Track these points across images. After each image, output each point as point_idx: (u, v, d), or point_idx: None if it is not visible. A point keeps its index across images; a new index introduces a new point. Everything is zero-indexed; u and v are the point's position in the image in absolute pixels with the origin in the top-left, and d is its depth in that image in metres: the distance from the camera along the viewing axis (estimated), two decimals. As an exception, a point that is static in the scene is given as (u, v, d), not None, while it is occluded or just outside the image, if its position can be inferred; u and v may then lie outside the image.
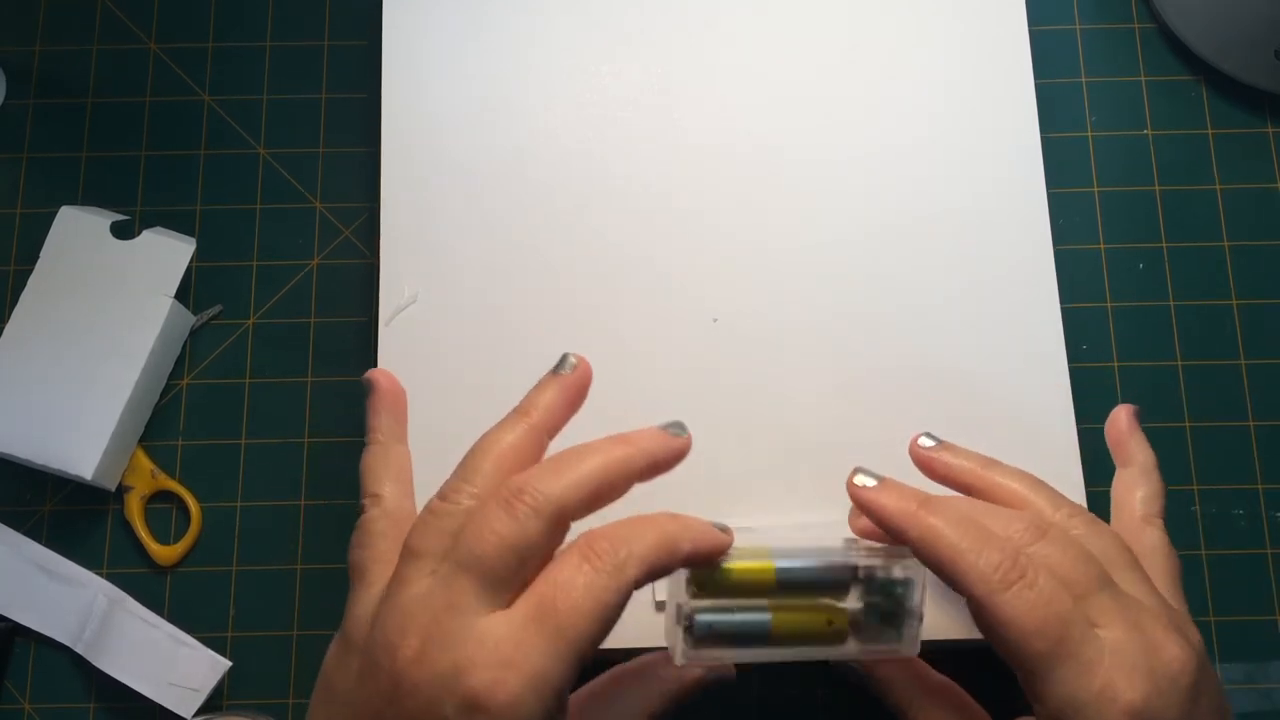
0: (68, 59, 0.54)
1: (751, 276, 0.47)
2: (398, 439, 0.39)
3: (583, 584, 0.32)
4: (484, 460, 0.35)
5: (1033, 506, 0.37)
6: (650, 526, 0.34)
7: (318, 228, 0.51)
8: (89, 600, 0.47)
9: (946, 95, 0.49)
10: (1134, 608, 0.34)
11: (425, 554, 0.33)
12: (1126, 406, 0.42)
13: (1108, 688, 0.32)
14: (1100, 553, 0.35)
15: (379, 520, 0.37)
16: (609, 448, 0.35)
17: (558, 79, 0.50)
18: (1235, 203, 0.51)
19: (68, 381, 0.47)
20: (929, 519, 0.35)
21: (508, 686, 0.30)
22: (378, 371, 0.40)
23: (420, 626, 0.32)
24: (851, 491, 0.37)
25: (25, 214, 0.52)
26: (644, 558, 0.33)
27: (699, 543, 0.35)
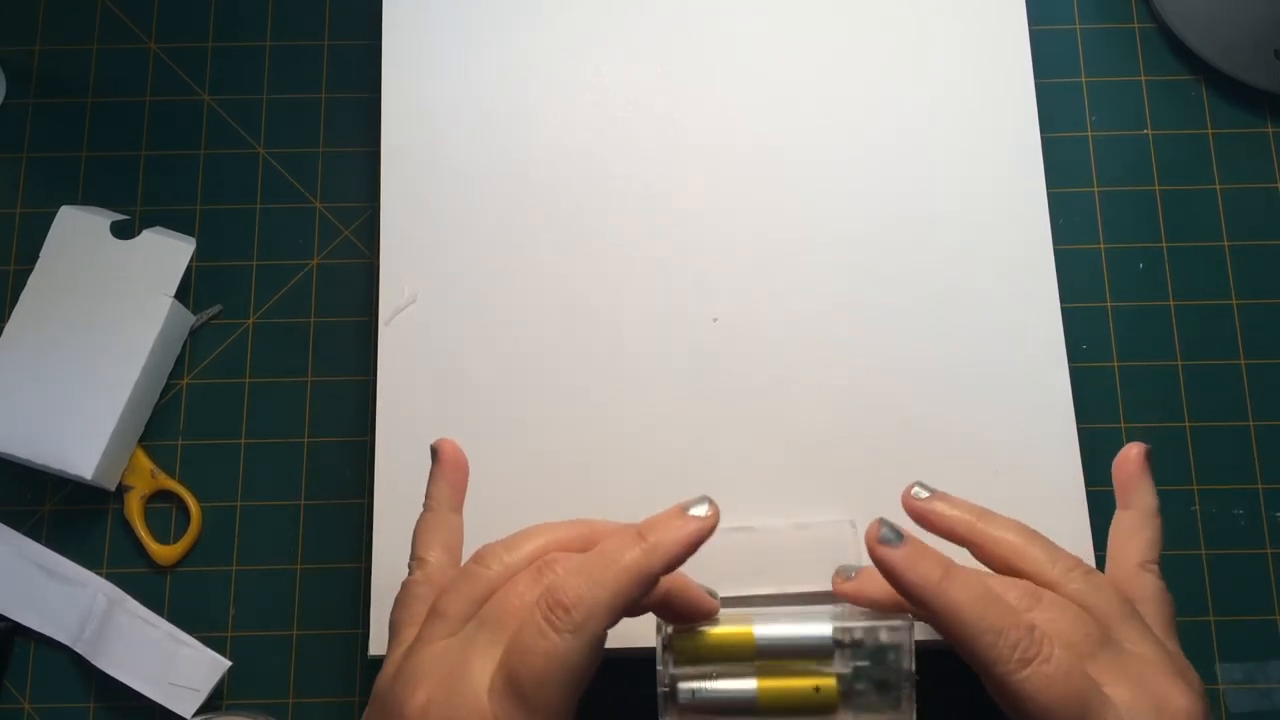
0: (68, 59, 0.54)
1: (751, 276, 0.47)
2: (453, 508, 0.40)
3: (544, 650, 0.32)
4: (530, 539, 0.36)
5: (1029, 559, 0.36)
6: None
7: (318, 228, 0.51)
8: (89, 600, 0.47)
9: (946, 95, 0.49)
10: (1136, 663, 0.34)
11: (449, 616, 0.35)
12: (1139, 445, 0.40)
13: None
14: (1098, 606, 0.35)
15: (421, 584, 0.38)
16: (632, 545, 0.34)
17: (558, 79, 0.50)
18: (1235, 203, 0.51)
19: (67, 381, 0.47)
20: (951, 594, 0.34)
21: None
22: (445, 442, 0.41)
23: (430, 683, 0.33)
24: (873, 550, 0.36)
25: (25, 214, 0.52)
26: (609, 603, 0.33)
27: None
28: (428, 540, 0.39)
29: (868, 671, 0.36)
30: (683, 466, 0.45)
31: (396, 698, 0.34)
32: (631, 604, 0.34)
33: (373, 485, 0.45)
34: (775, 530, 0.44)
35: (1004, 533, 0.37)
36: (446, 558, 0.39)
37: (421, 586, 0.38)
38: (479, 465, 0.40)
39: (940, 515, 0.38)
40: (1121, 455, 0.41)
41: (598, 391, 0.46)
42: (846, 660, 0.36)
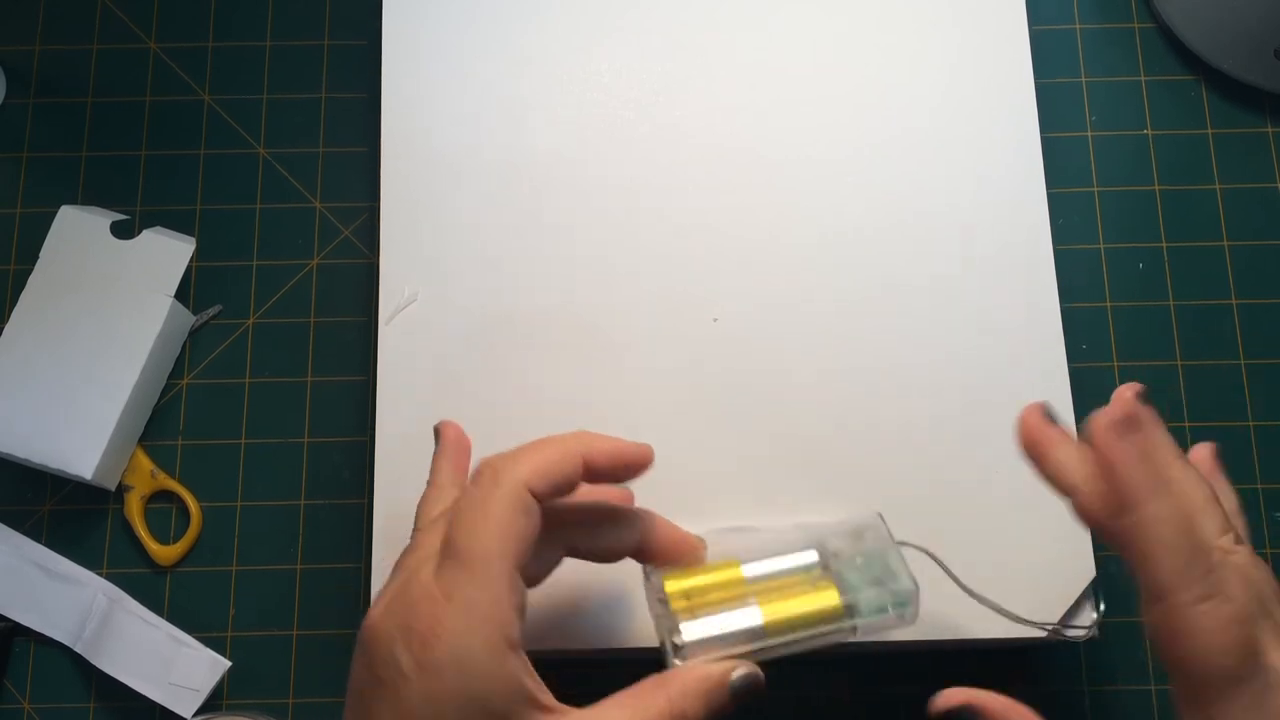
0: (68, 59, 0.54)
1: (751, 276, 0.47)
2: (454, 484, 0.40)
3: (475, 509, 0.33)
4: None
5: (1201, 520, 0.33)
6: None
7: (318, 228, 0.51)
8: (89, 600, 0.47)
9: (946, 95, 0.49)
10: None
11: (418, 545, 0.35)
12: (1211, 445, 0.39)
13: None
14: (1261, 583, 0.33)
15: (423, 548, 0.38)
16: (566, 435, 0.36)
17: (557, 78, 0.50)
18: (1235, 203, 0.51)
19: (67, 381, 0.47)
20: (1151, 505, 0.33)
21: (445, 622, 0.32)
22: (447, 423, 0.42)
23: (391, 589, 0.34)
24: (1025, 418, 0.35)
25: (25, 214, 0.52)
26: (531, 466, 0.34)
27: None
28: (430, 511, 0.39)
29: (860, 573, 0.36)
30: (683, 466, 0.45)
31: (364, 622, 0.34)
32: (558, 475, 0.34)
33: (373, 485, 0.45)
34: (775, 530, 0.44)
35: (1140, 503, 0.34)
36: None
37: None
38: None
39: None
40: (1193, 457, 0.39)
41: (598, 391, 0.46)
42: (836, 572, 0.37)
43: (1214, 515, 0.33)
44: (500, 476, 0.34)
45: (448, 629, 0.32)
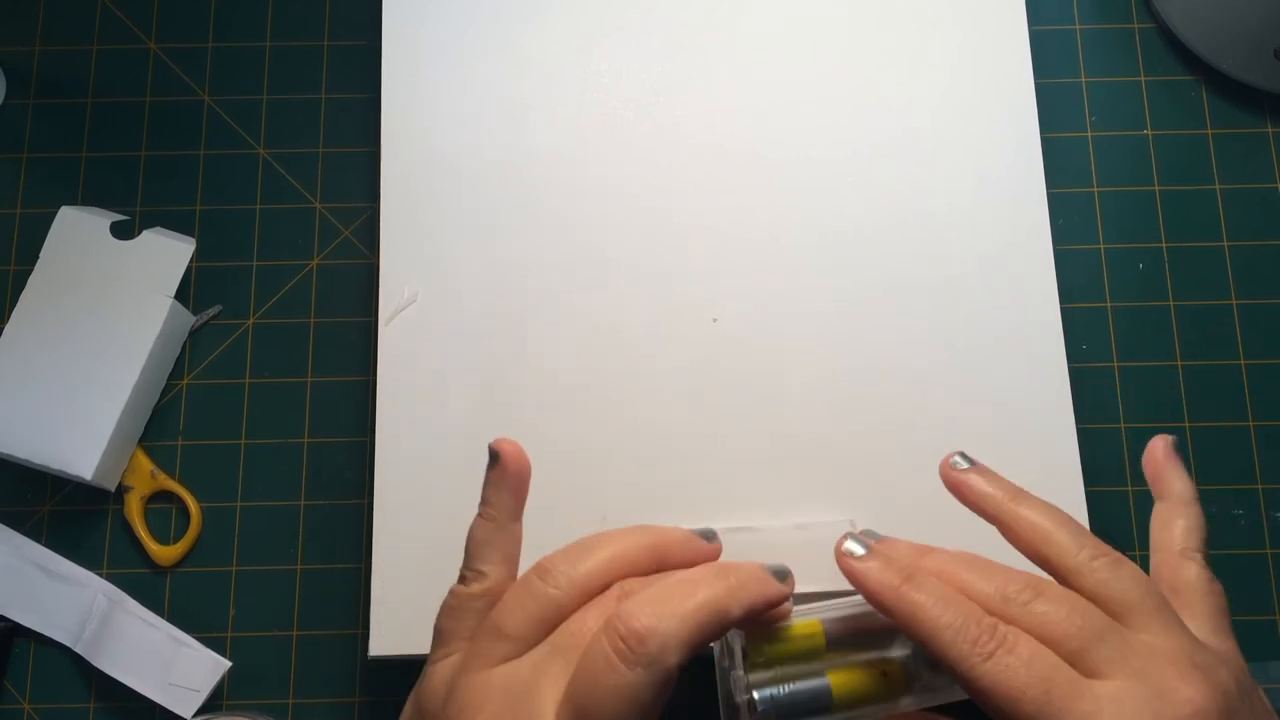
0: (68, 59, 0.54)
1: (751, 276, 0.47)
2: (513, 518, 0.38)
3: (614, 685, 0.31)
4: (596, 554, 0.34)
5: (1054, 545, 0.35)
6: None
7: (318, 228, 0.51)
8: (89, 600, 0.47)
9: (946, 95, 0.49)
10: (1143, 654, 0.33)
11: (512, 637, 0.33)
12: (1164, 438, 0.40)
13: None
14: (1118, 595, 0.34)
15: (479, 598, 0.36)
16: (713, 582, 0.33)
17: (557, 78, 0.50)
18: (1235, 203, 0.51)
19: (67, 381, 0.47)
20: (911, 596, 0.34)
21: None
22: (507, 443, 0.38)
23: (495, 704, 0.32)
24: (840, 561, 0.35)
25: (25, 214, 0.52)
26: (686, 640, 0.31)
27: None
28: (486, 553, 0.37)
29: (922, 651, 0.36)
30: (683, 466, 0.45)
31: (453, 715, 0.32)
32: (706, 640, 0.32)
33: (373, 485, 0.45)
34: (775, 530, 0.44)
35: (1034, 514, 0.36)
36: (506, 572, 0.37)
37: (479, 600, 0.36)
38: (478, 465, 0.40)
39: (976, 490, 0.38)
40: (1148, 449, 0.40)
41: (598, 391, 0.46)
42: (905, 643, 0.36)
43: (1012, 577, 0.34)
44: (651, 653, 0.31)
45: None
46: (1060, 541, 0.36)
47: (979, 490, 0.37)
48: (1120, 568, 0.35)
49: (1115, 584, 0.34)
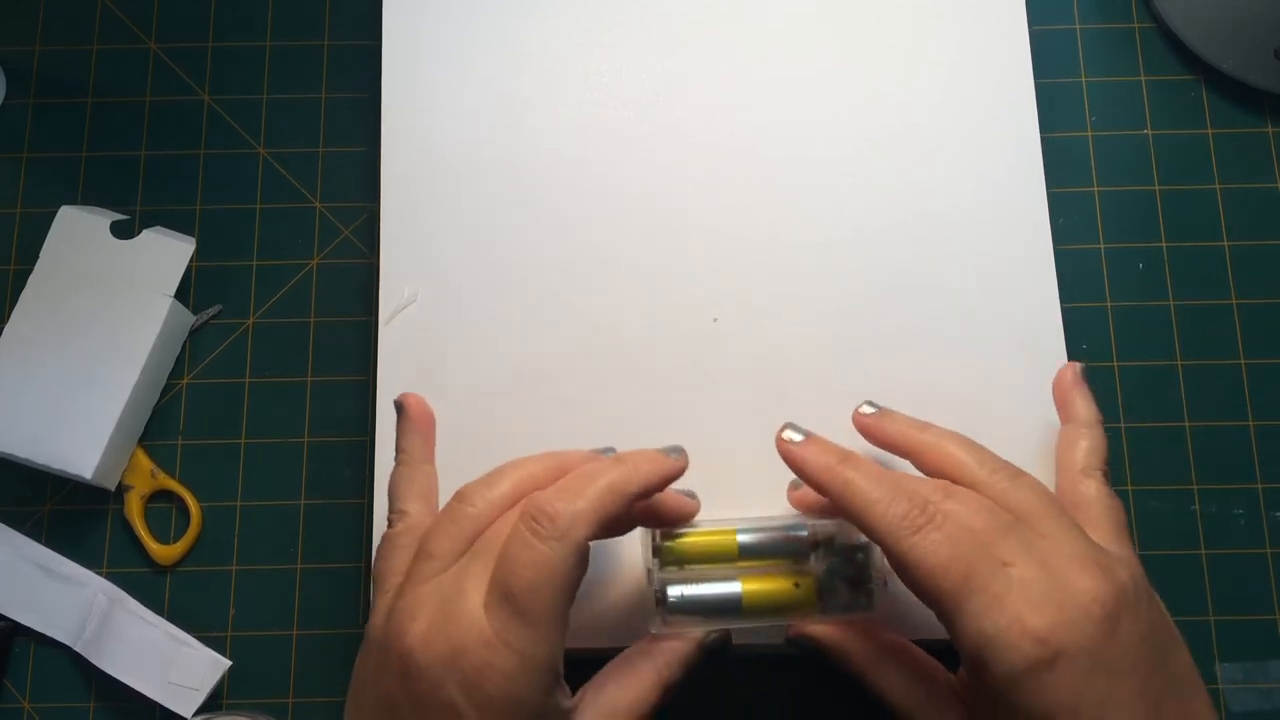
0: (68, 59, 0.54)
1: (751, 276, 0.47)
2: (425, 459, 0.42)
3: (532, 560, 0.34)
4: (507, 477, 0.38)
5: (959, 464, 0.38)
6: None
7: (318, 228, 0.51)
8: (89, 600, 0.47)
9: (946, 95, 0.49)
10: (1045, 548, 0.36)
11: (438, 555, 0.36)
12: (1073, 365, 0.44)
13: (1016, 620, 0.34)
14: (1020, 503, 0.37)
15: (404, 535, 0.39)
16: (614, 471, 0.37)
17: (557, 78, 0.50)
18: (1235, 203, 0.51)
19: (68, 381, 0.47)
20: (845, 473, 0.37)
21: (501, 669, 0.34)
22: (409, 395, 0.43)
23: (427, 613, 0.35)
24: (779, 446, 0.39)
25: (25, 214, 0.52)
26: (590, 514, 0.35)
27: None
28: (405, 492, 0.41)
29: (840, 568, 0.39)
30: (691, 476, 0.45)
31: (393, 633, 0.35)
32: (610, 519, 0.36)
33: (373, 485, 0.45)
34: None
35: (940, 441, 0.39)
36: (425, 507, 0.41)
37: (404, 536, 0.39)
38: (478, 465, 0.40)
39: (883, 428, 0.41)
40: (1058, 375, 0.44)
41: (597, 391, 0.46)
42: (821, 560, 0.39)
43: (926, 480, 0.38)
44: (561, 528, 0.35)
45: (503, 673, 0.34)
46: (964, 460, 0.39)
47: (888, 429, 0.41)
48: (1020, 478, 0.38)
49: (1015, 492, 0.37)
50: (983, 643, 0.34)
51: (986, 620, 0.34)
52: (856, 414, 0.42)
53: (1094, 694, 0.33)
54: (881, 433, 0.41)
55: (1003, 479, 0.38)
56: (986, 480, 0.38)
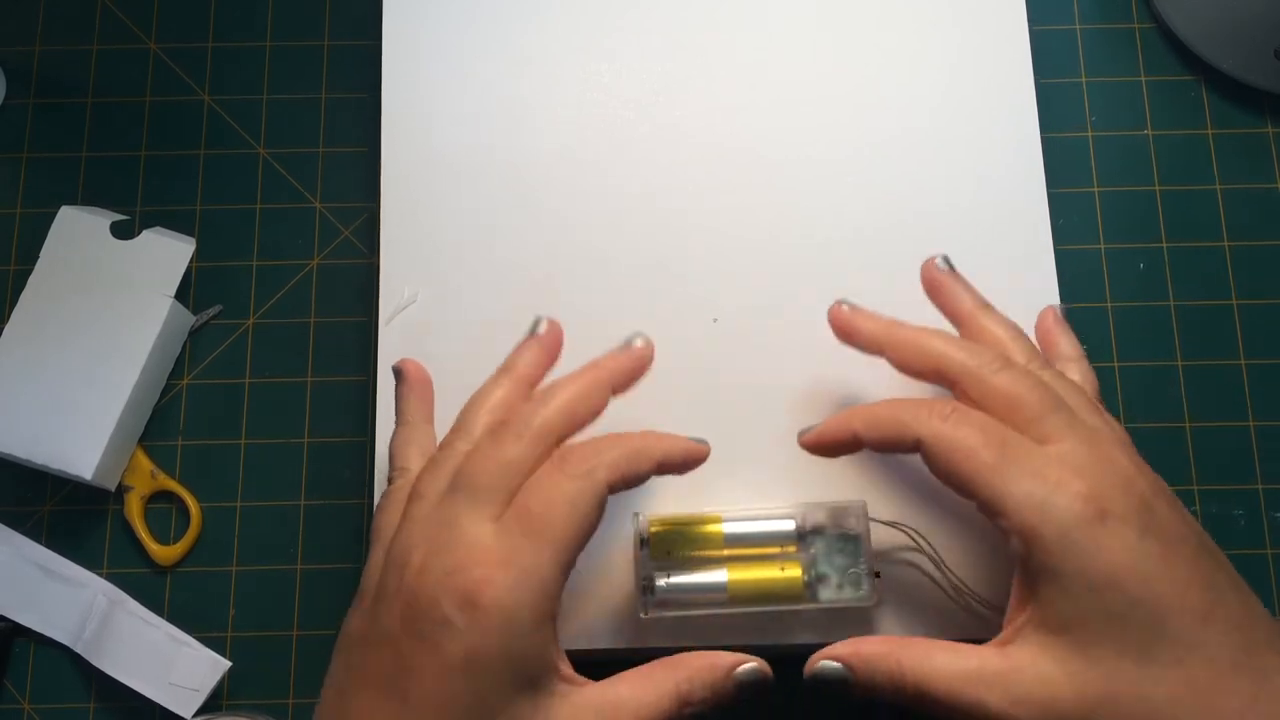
0: (68, 59, 0.54)
1: (751, 276, 0.47)
2: (425, 420, 0.43)
3: (557, 490, 0.35)
4: (476, 414, 0.39)
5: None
6: (620, 440, 0.37)
7: (318, 228, 0.51)
8: (89, 600, 0.47)
9: (946, 95, 0.49)
10: (1088, 429, 0.36)
11: (427, 495, 0.37)
12: (1052, 307, 0.44)
13: (1061, 483, 0.34)
14: (1065, 392, 0.38)
15: (404, 489, 0.39)
16: (575, 378, 0.39)
17: (558, 78, 0.50)
18: (1235, 203, 0.51)
19: (68, 381, 0.47)
20: (904, 331, 0.40)
21: (499, 582, 0.34)
22: (407, 361, 0.43)
23: (422, 543, 0.35)
24: (831, 312, 0.41)
25: (25, 214, 0.52)
26: (613, 464, 0.36)
27: (670, 451, 0.38)
28: (407, 451, 0.41)
29: (829, 556, 0.40)
30: (683, 466, 0.45)
31: (393, 569, 0.35)
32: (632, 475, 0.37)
33: (373, 485, 0.45)
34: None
35: (995, 326, 0.40)
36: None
37: (404, 491, 0.39)
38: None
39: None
40: (1039, 318, 0.44)
41: (598, 391, 0.46)
42: (810, 549, 0.40)
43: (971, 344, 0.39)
44: (588, 469, 0.36)
45: (501, 590, 0.33)
46: (1013, 350, 0.40)
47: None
48: (1065, 377, 0.39)
49: (1058, 383, 0.38)
50: (1032, 507, 0.34)
51: (1033, 486, 0.34)
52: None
53: (1151, 554, 0.33)
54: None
55: (1049, 375, 0.39)
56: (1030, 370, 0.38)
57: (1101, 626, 0.33)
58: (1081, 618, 0.33)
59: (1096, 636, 0.33)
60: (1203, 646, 0.33)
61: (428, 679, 0.33)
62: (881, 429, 0.38)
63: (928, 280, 0.43)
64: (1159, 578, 0.33)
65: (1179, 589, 0.33)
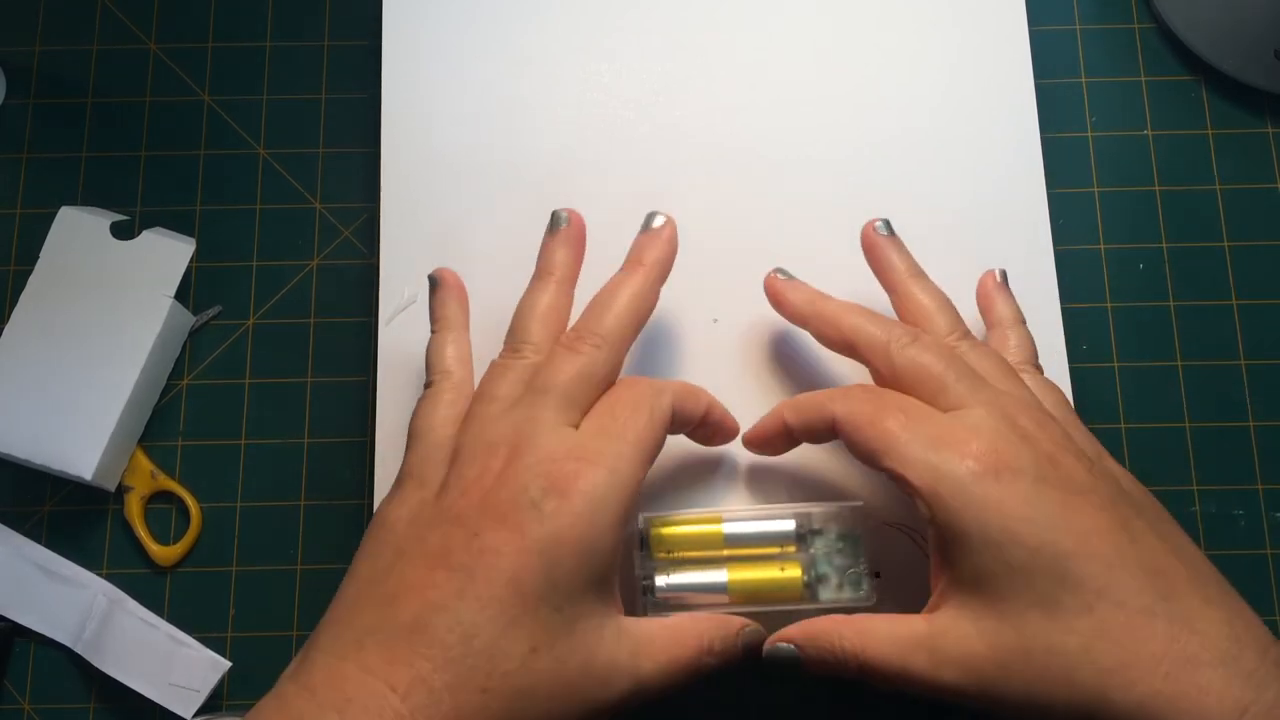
0: (68, 59, 0.54)
1: (751, 276, 0.47)
2: (463, 326, 0.43)
3: (636, 401, 0.37)
4: (531, 322, 0.40)
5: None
6: (687, 384, 0.40)
7: (318, 228, 0.51)
8: (89, 600, 0.47)
9: (946, 95, 0.49)
10: (993, 393, 0.37)
11: (500, 397, 0.38)
12: (993, 271, 0.45)
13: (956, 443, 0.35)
14: (978, 362, 0.39)
15: (448, 391, 0.40)
16: (628, 278, 0.41)
17: (558, 78, 0.50)
18: (1235, 203, 0.51)
19: (67, 382, 0.47)
20: (831, 305, 0.41)
21: (588, 475, 0.35)
22: (444, 269, 0.44)
23: (508, 439, 0.36)
24: (767, 283, 0.43)
25: (25, 214, 0.52)
26: (677, 391, 0.39)
27: (715, 404, 0.41)
28: (445, 353, 0.41)
29: (829, 557, 0.40)
30: (683, 466, 0.45)
31: (470, 463, 0.36)
32: (689, 411, 0.39)
33: (373, 485, 0.45)
34: None
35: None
36: (466, 371, 0.41)
37: (449, 394, 0.40)
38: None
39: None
40: (980, 281, 0.45)
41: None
42: (809, 549, 0.40)
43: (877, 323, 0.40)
44: (657, 390, 0.38)
45: (590, 483, 0.35)
46: (939, 321, 0.41)
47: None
48: (982, 347, 0.40)
49: (972, 354, 0.39)
50: (929, 467, 0.35)
51: (931, 448, 0.35)
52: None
53: (1050, 503, 0.34)
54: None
55: (967, 347, 0.40)
56: (949, 341, 0.40)
57: (1007, 580, 0.33)
58: (988, 574, 0.34)
59: (1004, 591, 0.34)
60: (1111, 591, 0.33)
61: (503, 558, 0.34)
62: (803, 414, 0.39)
63: (866, 242, 0.44)
64: (1057, 527, 0.33)
65: (1080, 537, 0.33)
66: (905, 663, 0.35)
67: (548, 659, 0.33)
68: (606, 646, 0.35)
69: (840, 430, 0.38)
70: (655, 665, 0.36)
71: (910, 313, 0.42)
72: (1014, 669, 0.33)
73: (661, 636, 0.37)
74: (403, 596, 0.34)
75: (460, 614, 0.33)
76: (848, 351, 0.41)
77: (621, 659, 0.35)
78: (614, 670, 0.35)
